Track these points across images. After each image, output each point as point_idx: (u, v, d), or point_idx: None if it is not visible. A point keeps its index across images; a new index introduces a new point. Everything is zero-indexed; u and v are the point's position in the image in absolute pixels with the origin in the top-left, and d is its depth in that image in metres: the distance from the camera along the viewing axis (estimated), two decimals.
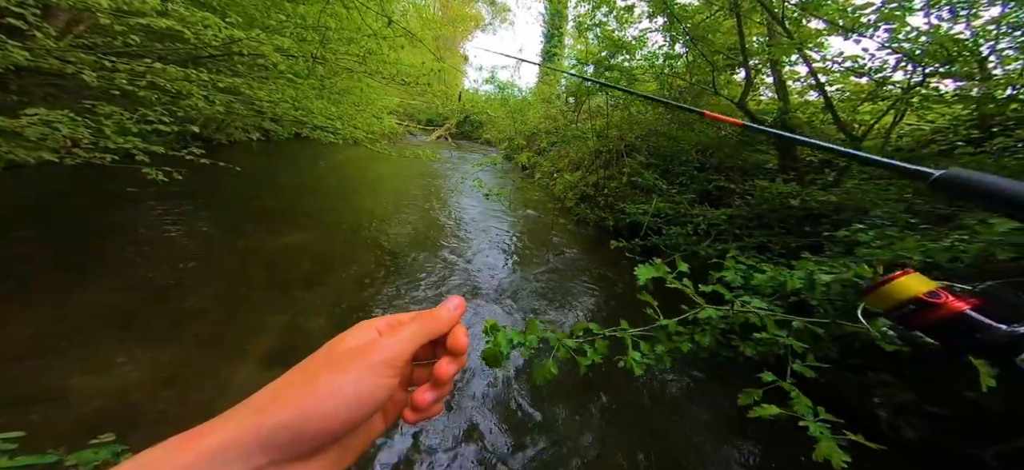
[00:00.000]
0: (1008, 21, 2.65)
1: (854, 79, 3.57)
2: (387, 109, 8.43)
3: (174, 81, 2.73)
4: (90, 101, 2.62)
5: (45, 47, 2.32)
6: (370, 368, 0.28)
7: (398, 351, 0.29)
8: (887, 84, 3.23)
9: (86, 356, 2.24)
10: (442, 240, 5.02)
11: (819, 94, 3.57)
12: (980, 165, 2.53)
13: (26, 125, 2.30)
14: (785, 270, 1.53)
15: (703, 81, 4.17)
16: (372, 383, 0.27)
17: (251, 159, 7.45)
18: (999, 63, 2.87)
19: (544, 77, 13.98)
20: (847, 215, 2.71)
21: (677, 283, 1.14)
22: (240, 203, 5.11)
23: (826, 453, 0.85)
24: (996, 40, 2.72)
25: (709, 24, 3.72)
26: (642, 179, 4.52)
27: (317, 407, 0.25)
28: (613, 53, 4.88)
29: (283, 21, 3.15)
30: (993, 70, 2.84)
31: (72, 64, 2.36)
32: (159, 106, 3.10)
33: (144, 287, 3.01)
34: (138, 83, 2.66)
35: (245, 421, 0.24)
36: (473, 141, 16.79)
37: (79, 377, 2.11)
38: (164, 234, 3.86)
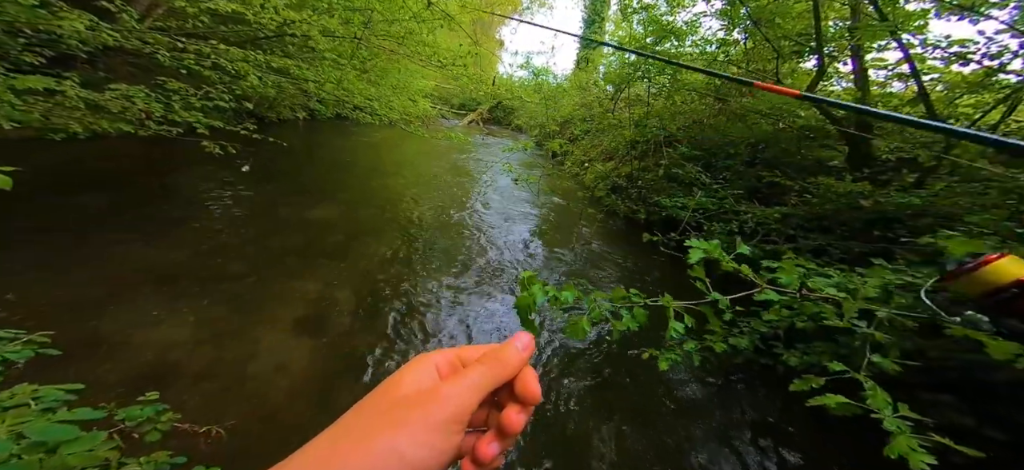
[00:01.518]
0: None
1: (956, 68, 3.11)
2: (422, 92, 8.57)
3: (234, 62, 2.90)
4: (162, 78, 2.84)
5: (129, 28, 2.52)
6: (433, 427, 0.25)
7: (463, 405, 0.26)
8: (998, 73, 2.82)
9: (135, 312, 2.43)
10: (468, 222, 5.08)
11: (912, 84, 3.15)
12: None
13: (110, 99, 2.54)
14: (856, 277, 1.39)
15: (763, 69, 3.88)
16: (435, 445, 0.25)
17: (296, 136, 7.81)
18: None
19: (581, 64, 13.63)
20: (928, 221, 2.43)
21: (733, 265, 1.08)
22: (283, 176, 5.39)
23: (902, 450, 0.76)
24: None
25: (777, 6, 3.41)
26: (683, 172, 4.34)
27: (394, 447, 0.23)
28: (659, 39, 4.66)
29: (333, 2, 3.26)
30: None
31: (150, 45, 2.55)
32: (220, 85, 3.33)
33: (191, 248, 3.22)
34: (203, 63, 2.84)
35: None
36: (504, 127, 16.73)
37: (128, 331, 2.28)
38: (214, 202, 4.12)
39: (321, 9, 3.35)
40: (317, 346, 2.48)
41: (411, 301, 3.15)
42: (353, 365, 2.41)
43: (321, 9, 3.35)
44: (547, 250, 4.60)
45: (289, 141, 5.59)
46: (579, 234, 5.03)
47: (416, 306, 3.10)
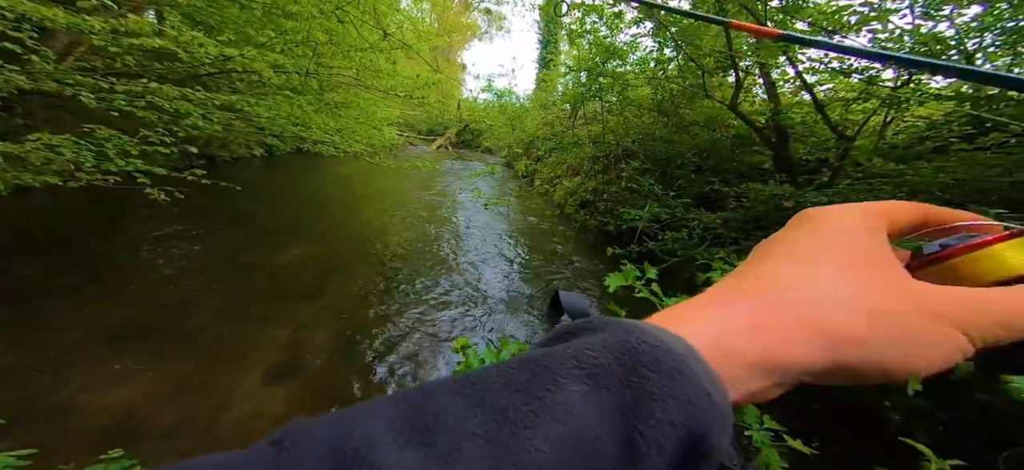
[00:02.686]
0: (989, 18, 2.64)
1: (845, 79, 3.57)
2: (387, 120, 8.55)
3: (172, 100, 2.80)
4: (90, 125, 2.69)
5: (44, 70, 2.38)
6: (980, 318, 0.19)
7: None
8: (876, 83, 3.25)
9: (93, 372, 2.29)
10: (444, 251, 5.04)
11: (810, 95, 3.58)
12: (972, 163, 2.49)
13: (30, 150, 2.37)
14: None
15: (695, 84, 4.19)
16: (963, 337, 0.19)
17: (253, 175, 7.56)
18: (986, 60, 2.86)
19: (541, 84, 14.07)
20: None
21: (645, 290, 1.13)
22: (243, 219, 5.18)
23: (767, 461, 0.88)
24: (981, 36, 2.70)
25: (696, 28, 3.75)
26: (638, 184, 4.52)
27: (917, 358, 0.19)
28: (606, 59, 4.91)
29: (273, 37, 3.21)
30: (981, 67, 2.82)
31: (71, 87, 2.42)
32: (160, 126, 3.19)
33: (148, 304, 3.05)
34: (137, 104, 2.72)
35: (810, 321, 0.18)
36: (473, 149, 16.89)
37: (87, 393, 2.15)
38: (168, 253, 3.92)
39: (264, 45, 3.30)
40: (294, 391, 2.39)
41: (391, 337, 3.07)
42: (335, 404, 2.34)
43: (264, 45, 3.30)
44: (523, 272, 4.61)
45: (245, 181, 5.40)
46: (553, 252, 5.08)
47: (396, 341, 3.02)
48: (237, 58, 2.80)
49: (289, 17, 3.96)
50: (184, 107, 2.91)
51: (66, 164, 2.56)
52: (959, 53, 2.64)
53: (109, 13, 2.26)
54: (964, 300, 0.20)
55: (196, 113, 3.03)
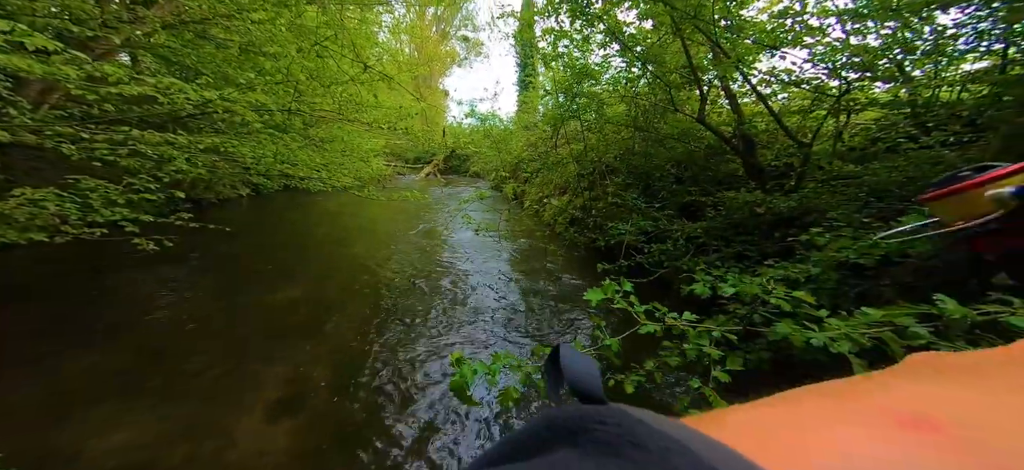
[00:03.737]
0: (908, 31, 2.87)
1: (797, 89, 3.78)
2: (373, 152, 8.64)
3: (155, 146, 2.82)
4: (74, 176, 2.69)
5: (20, 123, 2.39)
6: None
7: None
8: (825, 92, 3.44)
9: (92, 421, 2.29)
10: (438, 279, 5.05)
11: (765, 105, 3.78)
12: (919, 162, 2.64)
13: (14, 206, 2.36)
14: (748, 277, 1.59)
15: (664, 99, 4.38)
16: None
17: (241, 216, 7.52)
18: (913, 66, 3.09)
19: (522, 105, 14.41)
20: (813, 217, 2.75)
21: (623, 303, 1.19)
22: (234, 262, 5.14)
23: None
24: (904, 46, 2.92)
25: (659, 48, 3.95)
26: (622, 199, 4.64)
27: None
28: (580, 80, 5.11)
29: (252, 78, 3.28)
30: (911, 72, 3.05)
31: (50, 138, 2.43)
32: (144, 173, 3.19)
33: (144, 351, 3.04)
34: (119, 152, 2.74)
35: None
36: (461, 175, 17.05)
37: (86, 441, 2.15)
38: (161, 299, 3.89)
39: (243, 86, 3.36)
40: (298, 425, 2.40)
41: (389, 365, 3.07)
42: (340, 436, 2.33)
43: (243, 86, 3.36)
44: (519, 293, 4.63)
45: (234, 223, 5.36)
46: (546, 271, 5.12)
47: (395, 369, 3.03)
48: (217, 100, 2.86)
49: (267, 56, 4.06)
50: (168, 152, 2.93)
51: (51, 218, 2.55)
52: (889, 61, 2.84)
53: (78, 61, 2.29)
54: None
55: (180, 158, 3.05)
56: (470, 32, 28.46)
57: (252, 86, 3.44)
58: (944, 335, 0.94)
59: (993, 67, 2.83)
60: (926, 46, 2.86)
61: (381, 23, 11.22)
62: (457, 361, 1.27)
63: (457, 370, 1.24)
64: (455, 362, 1.27)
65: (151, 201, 3.23)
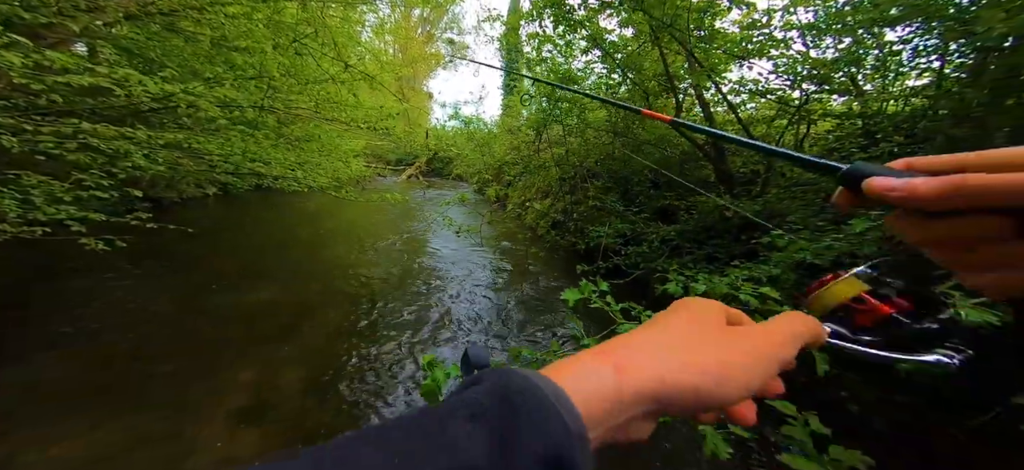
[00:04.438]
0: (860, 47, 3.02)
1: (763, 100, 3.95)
2: (353, 152, 8.41)
3: (107, 140, 2.62)
4: (14, 171, 2.47)
5: None
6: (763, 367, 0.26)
7: (788, 354, 0.28)
8: (787, 102, 3.62)
9: (48, 430, 2.13)
10: (418, 281, 4.94)
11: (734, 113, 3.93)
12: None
13: None
14: (717, 277, 1.63)
15: (641, 105, 4.46)
16: (758, 375, 0.26)
17: (207, 216, 7.18)
18: (865, 80, 3.25)
19: (506, 109, 14.42)
20: (778, 221, 2.84)
21: (600, 302, 1.17)
22: (199, 263, 4.88)
23: (712, 447, 0.96)
24: (858, 62, 3.07)
25: (637, 55, 4.04)
26: (601, 202, 4.67)
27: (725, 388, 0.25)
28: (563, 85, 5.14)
29: (221, 73, 3.10)
30: (863, 86, 3.20)
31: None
32: (95, 168, 2.97)
33: (101, 357, 2.83)
34: (67, 146, 2.54)
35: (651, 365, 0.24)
36: (444, 178, 16.90)
37: (44, 451, 2.00)
38: (118, 303, 3.65)
39: (211, 80, 3.17)
40: (267, 432, 2.28)
41: (367, 371, 2.96)
42: (310, 443, 2.19)
43: (211, 80, 3.17)
44: (499, 296, 4.57)
45: (199, 223, 5.10)
46: (527, 273, 5.08)
47: (370, 373, 2.92)
48: (180, 94, 2.68)
49: (240, 51, 3.87)
50: (123, 147, 2.73)
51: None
52: (844, 75, 2.98)
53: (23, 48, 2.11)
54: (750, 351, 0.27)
55: (137, 153, 2.85)
56: (456, 35, 28.38)
57: (220, 81, 3.24)
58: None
59: (932, 82, 2.99)
60: (875, 62, 3.02)
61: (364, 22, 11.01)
62: (428, 364, 1.21)
63: (428, 374, 1.18)
64: (427, 366, 1.21)
65: (103, 199, 3.00)
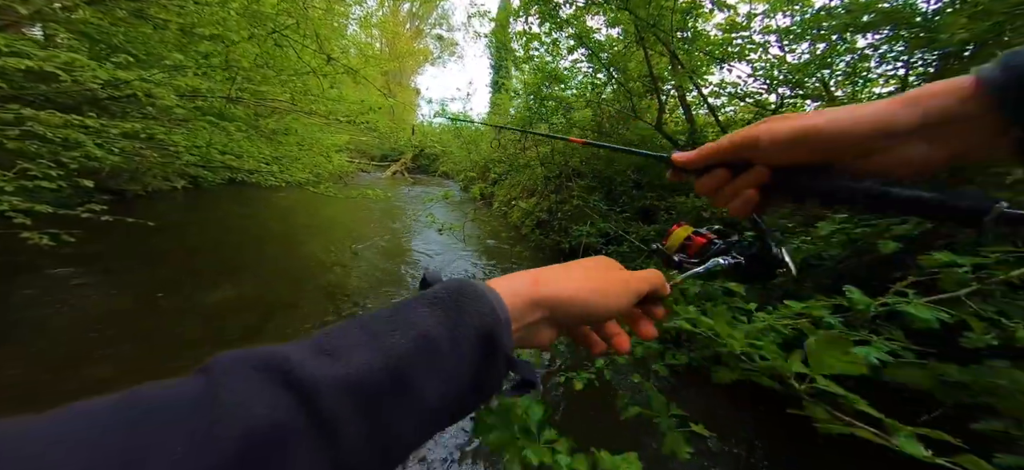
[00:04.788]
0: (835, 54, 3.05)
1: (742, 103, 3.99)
2: (336, 147, 8.17)
3: (54, 128, 2.42)
4: None
5: None
6: (624, 292, 0.37)
7: (640, 288, 0.39)
8: (764, 106, 3.65)
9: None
10: (401, 280, 4.80)
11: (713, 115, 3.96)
12: None
13: None
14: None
15: (625, 107, 4.44)
16: (623, 300, 0.37)
17: (174, 210, 6.85)
18: (837, 86, 3.30)
19: (494, 107, 14.33)
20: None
21: None
22: (160, 260, 4.62)
23: (672, 446, 0.96)
24: (830, 67, 3.11)
25: (622, 55, 4.02)
26: (585, 202, 4.64)
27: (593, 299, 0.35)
28: (549, 84, 5.08)
29: (181, 60, 2.91)
30: (835, 92, 3.25)
31: None
32: (45, 157, 2.75)
33: (47, 361, 2.61)
34: (7, 133, 2.33)
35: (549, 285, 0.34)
36: (430, 175, 16.67)
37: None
38: (67, 302, 3.39)
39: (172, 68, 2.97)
40: None
41: None
42: None
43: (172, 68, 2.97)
44: None
45: (164, 217, 4.85)
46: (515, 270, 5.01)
47: None
48: (136, 82, 2.50)
49: (210, 40, 3.66)
50: (72, 135, 2.53)
51: None
52: (817, 80, 3.01)
53: None
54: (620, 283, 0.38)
55: (89, 142, 2.65)
56: (445, 31, 28.08)
57: (182, 69, 3.04)
58: (852, 325, 1.07)
59: (897, 90, 3.04)
60: (846, 68, 3.06)
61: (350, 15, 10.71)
62: None
63: None
64: None
65: (51, 190, 2.79)
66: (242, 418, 0.19)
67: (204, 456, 0.18)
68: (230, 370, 0.21)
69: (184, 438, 0.18)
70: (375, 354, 0.24)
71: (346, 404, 0.22)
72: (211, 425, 0.19)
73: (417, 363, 0.25)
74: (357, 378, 0.23)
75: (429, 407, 0.25)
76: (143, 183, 6.20)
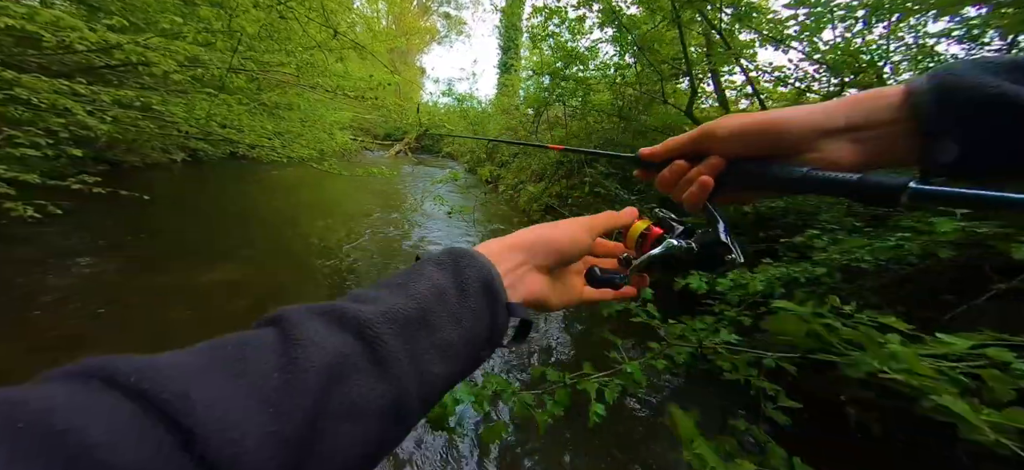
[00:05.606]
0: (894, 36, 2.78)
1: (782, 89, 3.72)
2: (339, 124, 7.92)
3: (36, 93, 2.22)
4: None
5: None
6: (579, 226, 0.42)
7: (593, 222, 0.44)
8: (808, 93, 3.37)
9: None
10: (404, 264, 4.64)
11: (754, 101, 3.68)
12: None
13: None
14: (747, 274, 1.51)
15: (652, 90, 4.17)
16: (578, 233, 0.42)
17: (172, 184, 6.66)
18: (892, 74, 3.03)
19: (503, 88, 13.95)
20: (792, 220, 2.75)
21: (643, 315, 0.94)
22: (156, 235, 4.46)
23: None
24: (887, 54, 2.84)
25: (654, 35, 3.73)
26: (603, 188, 4.42)
27: (552, 232, 0.40)
28: (567, 64, 4.80)
29: (178, 23, 2.68)
30: (887, 80, 2.99)
31: None
32: (32, 126, 2.56)
33: (26, 343, 2.45)
34: None
35: (518, 236, 0.40)
36: (434, 155, 16.39)
37: None
38: (50, 280, 3.22)
39: (168, 32, 2.73)
40: None
41: None
42: None
43: (168, 32, 2.73)
44: None
45: (160, 191, 4.67)
46: None
47: None
48: (128, 45, 2.28)
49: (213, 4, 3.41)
50: (60, 101, 2.33)
51: None
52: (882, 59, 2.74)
53: None
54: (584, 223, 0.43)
55: (79, 109, 2.45)
56: (453, 9, 27.22)
57: (179, 34, 2.80)
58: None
59: None
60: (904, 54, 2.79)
61: None
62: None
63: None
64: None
65: (46, 159, 2.61)
66: (316, 351, 0.24)
67: (295, 379, 0.22)
68: (296, 317, 0.26)
69: (277, 365, 0.23)
70: (402, 297, 0.30)
71: (389, 329, 0.27)
72: (294, 359, 0.23)
73: (435, 308, 0.30)
74: (393, 312, 0.28)
75: (450, 343, 0.30)
76: (141, 155, 6.00)
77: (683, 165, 0.43)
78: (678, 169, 0.43)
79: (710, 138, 0.41)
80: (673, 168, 0.44)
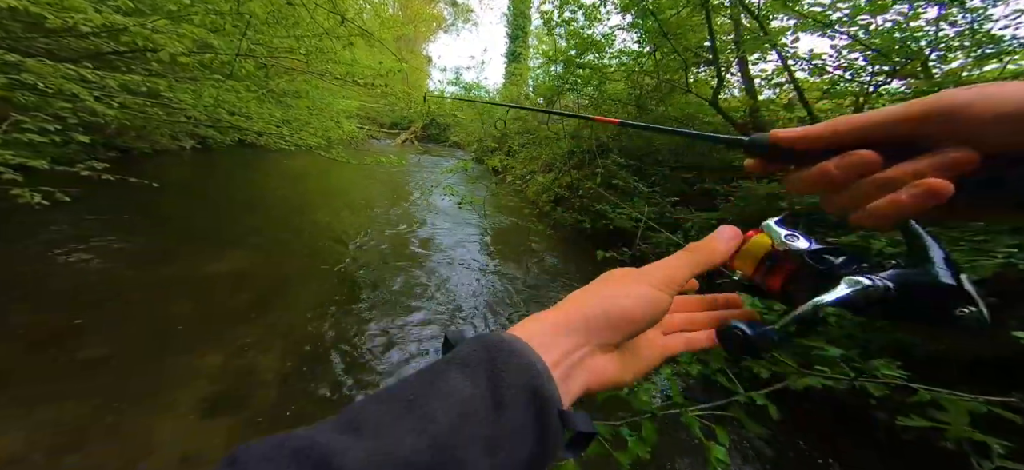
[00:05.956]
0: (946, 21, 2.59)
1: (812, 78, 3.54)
2: (346, 112, 7.85)
3: (42, 77, 2.16)
4: None
5: None
6: (652, 283, 0.32)
7: (674, 273, 0.33)
8: (841, 81, 3.18)
9: None
10: (413, 254, 4.60)
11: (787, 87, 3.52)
12: None
13: None
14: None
15: (672, 79, 4.01)
16: (655, 293, 0.31)
17: (181, 171, 6.64)
18: (939, 62, 2.85)
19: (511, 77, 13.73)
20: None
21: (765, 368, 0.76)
22: (164, 224, 4.43)
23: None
24: (935, 41, 2.65)
25: (679, 20, 3.56)
26: (618, 180, 4.31)
27: (620, 300, 0.31)
28: (582, 51, 4.64)
29: (186, 4, 2.59)
30: (933, 70, 2.80)
31: None
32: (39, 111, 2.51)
33: (27, 335, 2.41)
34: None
35: (569, 310, 0.31)
36: (441, 144, 16.27)
37: None
38: (52, 269, 3.19)
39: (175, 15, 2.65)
40: (236, 424, 2.00)
41: (355, 355, 2.65)
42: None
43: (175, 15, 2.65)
44: (501, 276, 4.26)
45: (169, 177, 4.63)
46: (531, 252, 4.81)
47: (362, 360, 2.62)
48: (134, 27, 2.21)
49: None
50: (67, 86, 2.27)
51: None
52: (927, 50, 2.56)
53: None
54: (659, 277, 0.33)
55: (87, 95, 2.39)
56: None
57: (186, 17, 2.72)
58: None
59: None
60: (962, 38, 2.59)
61: None
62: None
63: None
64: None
65: (55, 145, 2.56)
66: None
67: None
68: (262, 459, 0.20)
69: None
70: (410, 428, 0.22)
71: None
72: None
73: (458, 442, 0.22)
74: (394, 460, 0.20)
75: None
76: (150, 142, 5.98)
77: (870, 158, 0.27)
78: (859, 164, 0.28)
79: (955, 117, 0.25)
80: (849, 162, 0.28)
